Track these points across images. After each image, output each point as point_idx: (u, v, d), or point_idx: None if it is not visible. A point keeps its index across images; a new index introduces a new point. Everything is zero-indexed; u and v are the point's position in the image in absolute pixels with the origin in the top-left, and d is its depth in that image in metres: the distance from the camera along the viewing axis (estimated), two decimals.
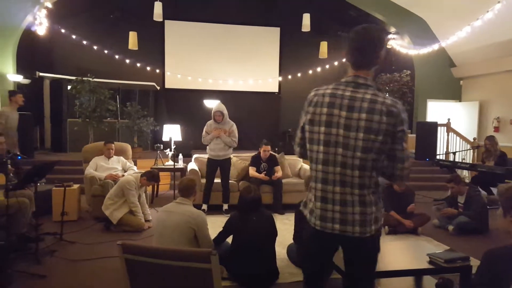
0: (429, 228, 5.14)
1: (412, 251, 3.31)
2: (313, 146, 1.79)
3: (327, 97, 1.76)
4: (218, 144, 5.65)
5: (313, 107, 1.79)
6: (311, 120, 1.79)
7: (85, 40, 10.47)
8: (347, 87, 1.76)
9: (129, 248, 1.68)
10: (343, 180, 1.73)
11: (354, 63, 1.78)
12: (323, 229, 1.79)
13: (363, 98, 1.71)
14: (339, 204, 1.75)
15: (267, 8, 11.77)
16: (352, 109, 1.70)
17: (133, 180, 4.92)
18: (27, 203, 4.09)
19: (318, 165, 1.78)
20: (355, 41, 1.77)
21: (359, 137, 1.68)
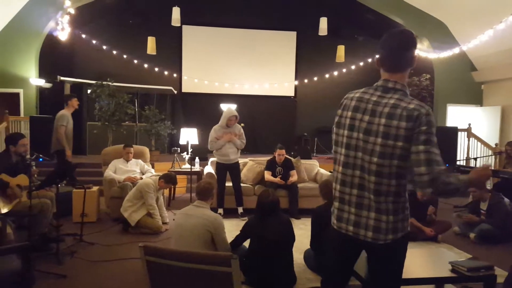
0: (450, 235, 5.03)
1: (433, 259, 3.24)
2: (337, 148, 1.83)
3: (354, 101, 1.79)
4: (230, 148, 5.64)
5: (341, 110, 1.83)
6: (338, 123, 1.83)
7: (105, 45, 10.68)
8: (376, 91, 1.78)
9: (150, 250, 1.69)
10: (362, 183, 1.74)
11: (389, 67, 1.78)
12: (339, 229, 1.84)
13: (386, 103, 1.70)
14: (355, 206, 1.77)
15: (283, 13, 11.78)
16: (374, 113, 1.71)
17: (151, 183, 4.97)
18: (49, 204, 4.17)
19: (340, 167, 1.82)
20: (389, 44, 1.77)
21: (377, 142, 1.67)
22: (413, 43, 1.75)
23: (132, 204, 4.89)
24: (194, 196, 6.49)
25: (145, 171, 5.97)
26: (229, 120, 5.63)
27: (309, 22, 10.85)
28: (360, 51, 11.47)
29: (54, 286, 3.28)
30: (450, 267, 2.81)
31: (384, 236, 1.72)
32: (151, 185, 4.94)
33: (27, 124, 8.35)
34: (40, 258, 3.75)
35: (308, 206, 5.89)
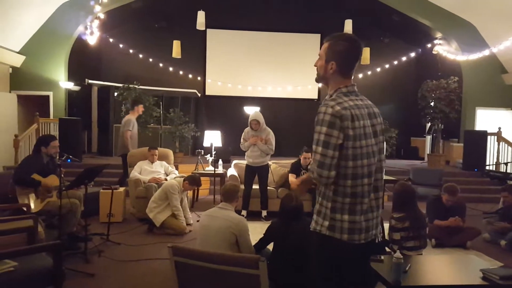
0: (479, 242, 4.89)
1: (462, 266, 3.14)
2: (356, 162, 1.73)
3: (355, 110, 1.75)
4: (255, 152, 5.69)
5: (352, 121, 1.71)
6: (354, 135, 1.71)
7: (131, 49, 10.92)
8: (353, 95, 1.81)
9: (179, 251, 1.71)
10: (376, 185, 1.82)
11: (348, 73, 1.84)
12: (366, 240, 1.79)
13: (369, 104, 1.84)
14: (376, 210, 1.84)
15: (308, 15, 11.75)
16: (370, 116, 1.81)
17: (176, 185, 5.03)
18: (77, 204, 4.29)
19: (365, 179, 1.76)
20: (357, 51, 1.84)
21: (381, 140, 1.84)
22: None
23: (157, 205, 4.96)
24: (217, 198, 6.59)
25: (169, 172, 6.06)
26: (251, 123, 5.68)
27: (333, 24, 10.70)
28: (386, 53, 11.31)
29: (83, 284, 3.36)
30: (481, 275, 2.71)
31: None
32: (175, 187, 5.00)
33: (56, 126, 8.62)
34: (68, 257, 3.84)
35: None
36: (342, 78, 1.81)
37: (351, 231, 1.76)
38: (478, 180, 8.29)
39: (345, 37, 1.82)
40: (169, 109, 9.76)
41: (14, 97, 8.96)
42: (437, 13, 9.47)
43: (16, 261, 2.52)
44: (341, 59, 1.80)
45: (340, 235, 1.76)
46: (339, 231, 1.77)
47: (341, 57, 1.80)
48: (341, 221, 1.77)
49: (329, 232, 1.79)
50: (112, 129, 9.98)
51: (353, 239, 1.76)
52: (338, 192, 1.76)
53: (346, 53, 1.80)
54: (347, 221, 1.76)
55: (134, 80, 9.33)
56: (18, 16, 8.08)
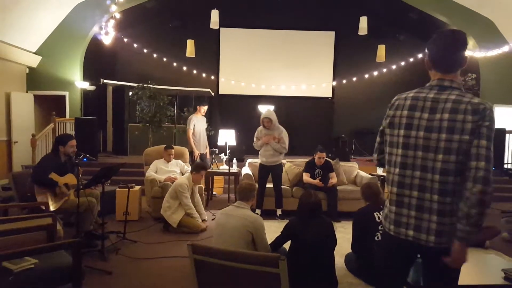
0: (498, 242, 4.79)
1: (483, 265, 3.09)
2: (392, 149, 1.78)
3: (409, 100, 1.74)
4: (268, 151, 5.67)
5: (394, 110, 1.78)
6: (391, 123, 1.78)
7: (146, 48, 11.01)
8: (432, 90, 1.74)
9: (198, 249, 1.70)
10: (423, 184, 1.67)
11: (441, 67, 1.75)
12: (397, 234, 1.75)
13: (447, 99, 1.67)
14: (415, 209, 1.70)
15: (321, 13, 11.67)
16: (434, 110, 1.67)
17: (185, 183, 5.04)
18: (94, 203, 4.33)
19: (396, 169, 1.75)
20: (442, 44, 1.74)
21: (441, 138, 1.63)
22: (465, 43, 1.75)
23: (169, 204, 4.98)
24: (232, 196, 6.60)
25: (185, 171, 6.07)
26: (263, 121, 5.65)
27: (348, 21, 10.69)
28: (402, 51, 11.17)
29: (101, 282, 3.39)
30: (503, 275, 2.66)
31: (447, 239, 1.65)
32: (185, 185, 5.01)
33: (72, 125, 8.73)
34: (86, 254, 3.88)
35: (348, 209, 5.79)
36: (434, 71, 1.78)
37: (385, 217, 1.83)
38: (497, 178, 8.13)
39: (437, 32, 1.79)
40: (183, 108, 9.80)
41: (31, 97, 9.12)
42: (454, 9, 9.30)
43: (36, 259, 2.55)
44: (429, 54, 1.79)
45: (382, 219, 1.88)
46: (383, 215, 1.87)
47: (429, 51, 1.79)
48: (385, 206, 1.85)
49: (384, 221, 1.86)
50: (127, 128, 10.06)
51: (385, 226, 1.82)
52: (388, 179, 1.83)
53: (432, 46, 1.77)
54: (394, 213, 1.78)
55: (149, 79, 9.39)
56: (34, 17, 8.21)
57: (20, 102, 8.62)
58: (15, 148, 8.34)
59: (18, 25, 7.90)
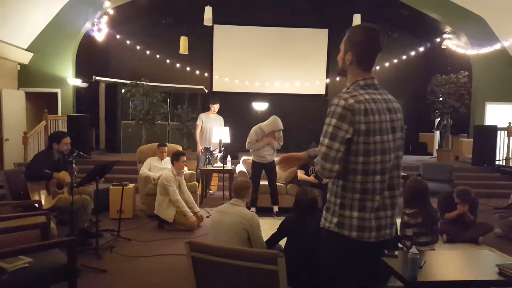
0: (491, 238, 4.84)
1: (477, 261, 3.11)
2: (369, 158, 1.67)
3: (372, 104, 1.67)
4: (268, 151, 5.73)
5: (365, 116, 1.64)
6: (366, 130, 1.65)
7: (138, 45, 10.92)
8: (370, 89, 1.73)
9: (196, 246, 1.69)
10: (391, 183, 1.75)
11: (368, 66, 1.76)
12: (377, 238, 1.72)
13: (389, 99, 1.76)
14: (391, 208, 1.77)
15: (315, 10, 11.68)
16: (390, 111, 1.72)
17: (170, 175, 5.04)
18: (88, 200, 4.30)
19: (376, 176, 1.68)
20: (375, 41, 1.73)
21: (398, 137, 1.75)
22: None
23: (160, 201, 5.00)
24: (226, 194, 6.59)
25: None
26: (274, 132, 5.65)
27: (341, 19, 10.67)
28: (394, 48, 11.22)
29: (96, 280, 3.38)
30: (497, 270, 2.68)
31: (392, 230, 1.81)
32: (170, 178, 5.01)
33: (65, 123, 8.65)
34: (80, 253, 3.85)
35: None
36: (359, 70, 1.74)
37: (361, 229, 1.71)
38: (489, 175, 8.22)
39: (363, 26, 1.77)
40: (177, 106, 9.76)
41: (22, 94, 9.01)
42: (447, 7, 9.36)
43: (30, 257, 2.53)
44: (358, 50, 1.73)
45: (349, 232, 1.71)
46: (348, 228, 1.72)
47: (358, 47, 1.73)
48: (350, 217, 1.71)
49: (338, 229, 1.74)
50: (120, 126, 9.99)
51: (362, 237, 1.71)
52: (347, 188, 1.71)
53: (363, 43, 1.72)
54: (356, 218, 1.70)
55: (142, 76, 9.32)
56: (26, 13, 8.10)
57: (11, 99, 8.51)
58: (6, 145, 8.24)
59: (9, 21, 7.79)
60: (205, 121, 7.10)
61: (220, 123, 7.20)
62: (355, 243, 1.71)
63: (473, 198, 4.85)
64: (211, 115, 7.17)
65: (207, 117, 7.16)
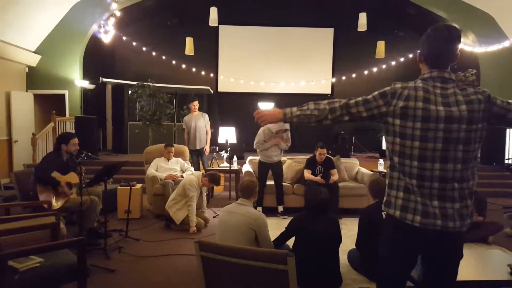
0: (500, 237, 4.80)
1: (488, 261, 3.09)
2: (405, 141, 1.73)
3: (420, 91, 1.73)
4: (275, 151, 5.74)
5: (404, 100, 1.72)
6: (403, 114, 1.72)
7: (145, 47, 10.97)
8: (434, 81, 1.76)
9: (206, 246, 1.70)
10: (444, 176, 1.70)
11: (436, 63, 1.78)
12: (424, 225, 1.71)
13: (455, 92, 1.73)
14: (439, 199, 1.72)
15: (320, 9, 11.65)
16: (448, 103, 1.71)
17: (195, 180, 5.00)
18: (97, 201, 4.33)
19: (413, 162, 1.72)
20: (437, 40, 1.77)
21: (462, 129, 1.69)
22: (460, 39, 1.78)
23: (176, 201, 4.96)
24: (233, 194, 6.60)
25: (185, 169, 6.08)
26: (280, 131, 5.71)
27: (347, 18, 10.69)
28: (401, 46, 11.16)
29: (105, 280, 3.39)
30: (509, 270, 2.66)
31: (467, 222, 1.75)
32: (194, 183, 4.98)
33: (72, 124, 8.72)
34: (89, 253, 3.87)
35: (349, 206, 5.81)
36: (427, 66, 1.81)
37: (404, 209, 1.76)
38: (497, 174, 8.14)
39: (431, 27, 1.81)
40: (183, 106, 9.78)
41: (30, 96, 9.09)
42: (453, 4, 9.29)
43: (41, 257, 2.55)
44: (422, 48, 1.82)
45: (394, 211, 1.79)
46: (393, 207, 1.80)
47: (423, 46, 1.82)
48: (395, 197, 1.79)
49: (385, 207, 1.84)
50: (126, 127, 10.04)
51: (405, 218, 1.75)
52: (394, 168, 1.80)
53: (427, 41, 1.80)
54: (401, 198, 1.77)
55: (148, 77, 9.37)
56: (34, 16, 8.17)
57: (20, 101, 8.59)
58: (15, 147, 8.32)
59: (17, 24, 7.86)
60: (188, 122, 7.09)
61: (203, 120, 7.15)
62: (398, 223, 1.77)
63: (482, 198, 4.82)
64: (193, 114, 7.14)
65: (189, 117, 7.14)
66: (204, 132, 7.12)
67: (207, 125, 7.16)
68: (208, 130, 7.16)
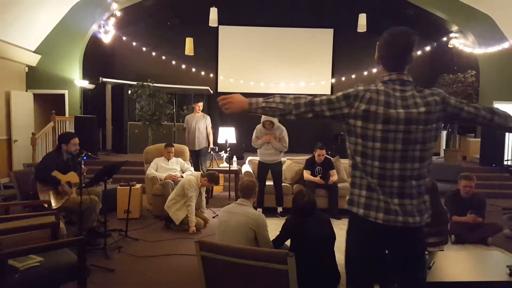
0: (500, 238, 4.80)
1: (487, 262, 3.10)
2: (366, 142, 1.77)
3: (382, 95, 1.76)
4: (268, 150, 5.68)
5: (366, 104, 1.75)
6: (364, 116, 1.75)
7: (144, 47, 10.97)
8: (394, 84, 1.80)
9: (206, 246, 1.70)
10: (403, 174, 1.75)
11: (396, 66, 1.82)
12: (386, 222, 1.76)
13: (413, 94, 1.78)
14: (399, 197, 1.77)
15: (320, 10, 11.67)
16: (407, 105, 1.75)
17: (194, 181, 5.01)
18: (96, 201, 4.33)
19: (374, 162, 1.76)
20: (398, 45, 1.81)
21: (419, 130, 1.74)
22: (416, 42, 1.82)
23: (175, 201, 4.96)
24: (232, 194, 6.60)
25: (185, 169, 6.08)
26: (265, 124, 5.64)
27: (346, 19, 10.69)
28: None
29: (104, 279, 3.40)
30: (508, 271, 2.67)
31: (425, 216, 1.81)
32: (193, 183, 4.99)
33: (72, 124, 8.71)
34: (88, 252, 3.86)
35: None
36: (385, 69, 1.85)
37: (367, 207, 1.80)
38: (496, 175, 8.15)
39: (389, 30, 1.85)
40: (183, 107, 9.78)
41: (30, 95, 9.08)
42: (453, 6, 9.30)
43: (41, 257, 2.55)
44: (380, 52, 1.86)
45: (357, 209, 1.82)
46: (356, 205, 1.83)
47: (380, 50, 1.86)
48: (358, 196, 1.83)
49: (348, 206, 1.89)
50: (126, 127, 10.04)
51: (368, 215, 1.78)
52: (356, 167, 1.83)
53: (384, 45, 1.84)
54: (364, 197, 1.80)
55: (148, 77, 9.36)
56: (34, 16, 8.17)
57: (19, 100, 8.58)
58: (15, 146, 8.31)
59: (17, 23, 7.86)
60: (189, 121, 7.13)
61: (205, 121, 7.19)
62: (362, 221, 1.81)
63: (481, 199, 4.82)
64: (196, 115, 7.18)
65: (191, 117, 7.18)
66: (203, 134, 7.13)
67: (208, 127, 7.17)
68: (209, 132, 7.19)
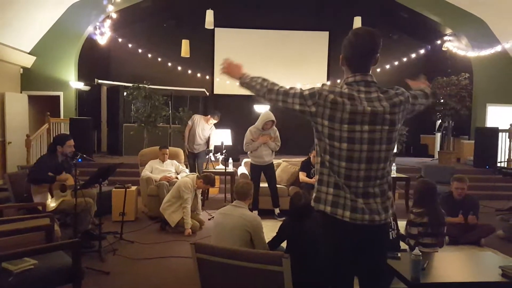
0: (493, 239, 4.84)
1: (480, 263, 3.12)
2: (333, 142, 1.77)
3: (345, 98, 1.74)
4: (265, 150, 5.66)
5: (331, 103, 1.74)
6: (330, 116, 1.75)
7: (140, 48, 10.96)
8: (358, 85, 1.79)
9: (202, 248, 1.71)
10: (368, 175, 1.77)
11: (360, 67, 1.82)
12: (353, 220, 1.77)
13: (378, 96, 1.77)
14: (363, 197, 1.78)
15: (316, 13, 11.72)
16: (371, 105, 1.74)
17: (190, 183, 5.01)
18: (91, 203, 4.31)
19: (341, 162, 1.77)
20: (363, 46, 1.80)
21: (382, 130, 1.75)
22: (380, 43, 1.82)
23: (171, 203, 4.96)
24: (228, 196, 6.60)
25: (180, 171, 6.08)
26: (266, 124, 5.62)
27: (342, 21, 10.70)
28: (395, 50, 11.25)
29: (99, 282, 3.39)
30: (500, 272, 2.69)
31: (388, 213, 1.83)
32: (189, 185, 4.99)
33: (67, 126, 8.68)
34: (83, 255, 3.85)
35: None
36: (349, 70, 1.84)
37: (335, 204, 1.80)
38: (490, 177, 8.21)
39: (351, 31, 1.85)
40: (178, 108, 9.78)
41: (25, 97, 9.05)
42: (447, 9, 9.38)
43: (35, 259, 2.54)
44: (344, 52, 1.85)
45: (324, 207, 1.82)
46: (323, 203, 1.83)
47: (345, 50, 1.84)
48: (326, 193, 1.83)
49: (315, 203, 1.87)
50: (122, 129, 10.01)
51: (336, 213, 1.79)
52: (324, 165, 1.84)
53: (349, 45, 1.82)
54: (332, 194, 1.81)
55: (143, 79, 9.35)
56: (29, 17, 8.14)
57: (14, 102, 8.54)
58: (9, 148, 8.27)
59: (12, 25, 7.83)
60: (196, 123, 7.08)
61: (209, 130, 7.18)
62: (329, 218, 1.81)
63: (475, 200, 4.85)
64: (207, 122, 7.14)
65: (201, 122, 7.13)
66: (203, 141, 7.14)
67: (211, 135, 7.21)
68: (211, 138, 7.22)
